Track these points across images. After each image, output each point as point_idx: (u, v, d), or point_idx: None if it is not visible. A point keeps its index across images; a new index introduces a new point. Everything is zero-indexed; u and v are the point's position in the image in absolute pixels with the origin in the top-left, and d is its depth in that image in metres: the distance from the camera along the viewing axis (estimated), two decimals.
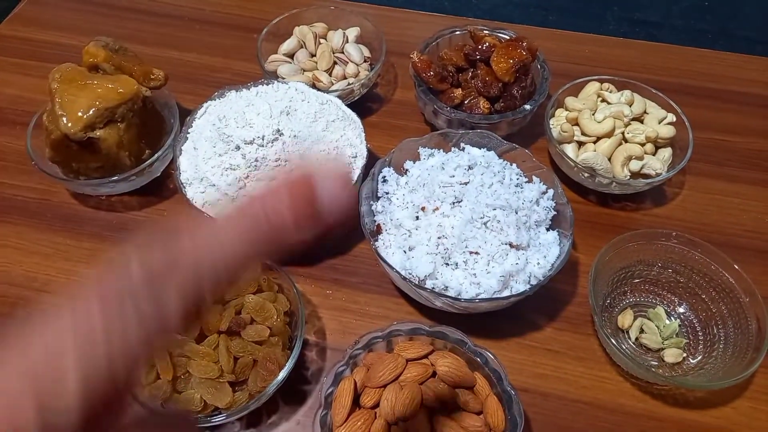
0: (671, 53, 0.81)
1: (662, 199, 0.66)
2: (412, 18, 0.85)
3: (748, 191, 0.67)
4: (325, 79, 0.69)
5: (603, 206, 0.65)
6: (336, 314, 0.57)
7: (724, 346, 0.52)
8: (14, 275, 0.59)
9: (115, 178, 0.58)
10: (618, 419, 0.51)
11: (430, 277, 0.50)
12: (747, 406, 0.52)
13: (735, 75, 0.79)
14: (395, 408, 0.44)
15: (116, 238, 0.62)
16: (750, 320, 0.50)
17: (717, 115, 0.73)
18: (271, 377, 0.46)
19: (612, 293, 0.56)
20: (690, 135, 0.62)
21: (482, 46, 0.66)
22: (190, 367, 0.46)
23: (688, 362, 0.53)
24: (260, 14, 0.85)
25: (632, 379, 0.53)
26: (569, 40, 0.82)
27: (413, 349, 0.47)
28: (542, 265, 0.50)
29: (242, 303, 0.50)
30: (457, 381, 0.46)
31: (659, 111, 0.64)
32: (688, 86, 0.76)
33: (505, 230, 0.50)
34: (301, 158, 0.54)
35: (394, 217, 0.53)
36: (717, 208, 0.65)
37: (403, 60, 0.77)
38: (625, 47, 0.82)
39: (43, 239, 0.61)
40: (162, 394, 0.46)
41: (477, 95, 0.65)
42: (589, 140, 0.62)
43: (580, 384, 0.53)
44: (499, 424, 0.44)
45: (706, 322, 0.54)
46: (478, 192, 0.52)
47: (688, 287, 0.55)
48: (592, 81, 0.67)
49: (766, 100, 0.76)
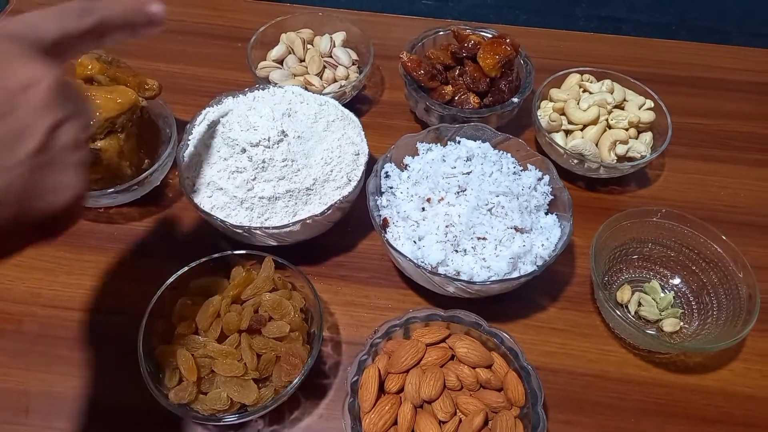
0: (640, 45, 0.86)
1: (645, 181, 0.70)
2: (393, 22, 0.88)
3: (723, 169, 0.71)
4: (316, 82, 0.70)
5: (591, 191, 0.69)
6: (347, 309, 0.58)
7: (717, 313, 0.55)
8: (17, 292, 0.58)
9: (116, 189, 0.58)
10: (625, 388, 0.54)
11: (441, 264, 0.51)
12: (741, 367, 0.56)
13: (700, 62, 0.84)
14: (420, 391, 0.46)
15: (119, 250, 0.61)
16: (740, 287, 0.54)
17: (688, 100, 0.78)
18: (295, 371, 0.47)
19: (609, 271, 0.59)
20: (668, 119, 0.66)
21: (468, 44, 0.68)
22: (215, 366, 0.47)
23: (685, 330, 0.56)
24: (241, 23, 0.86)
25: (634, 351, 0.56)
26: (544, 37, 0.86)
27: (431, 334, 0.49)
28: (546, 246, 0.53)
29: (259, 301, 0.50)
30: (476, 361, 0.48)
31: (638, 98, 0.68)
32: (658, 75, 0.81)
33: (509, 215, 0.53)
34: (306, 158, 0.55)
35: (400, 210, 0.55)
36: (696, 186, 0.69)
37: (387, 62, 0.79)
38: (597, 41, 0.86)
39: (43, 254, 0.61)
40: (188, 396, 0.46)
41: (466, 91, 0.67)
42: (576, 128, 0.65)
43: (586, 358, 0.56)
44: (520, 398, 0.46)
45: (699, 292, 0.57)
46: (480, 181, 0.55)
47: (679, 260, 0.59)
48: (572, 73, 0.70)
49: (730, 84, 0.81)
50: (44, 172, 0.29)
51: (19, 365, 0.53)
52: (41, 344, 0.55)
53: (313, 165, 0.55)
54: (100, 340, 0.55)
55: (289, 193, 0.54)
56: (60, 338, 0.55)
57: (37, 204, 0.29)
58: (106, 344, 0.55)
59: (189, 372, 0.46)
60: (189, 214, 0.64)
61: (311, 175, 0.55)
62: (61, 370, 0.53)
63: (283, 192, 0.53)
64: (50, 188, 0.29)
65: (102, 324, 0.56)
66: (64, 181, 0.30)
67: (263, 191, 0.54)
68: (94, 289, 0.58)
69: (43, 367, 0.53)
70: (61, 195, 0.30)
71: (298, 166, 0.54)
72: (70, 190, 0.30)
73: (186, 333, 0.49)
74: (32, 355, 0.54)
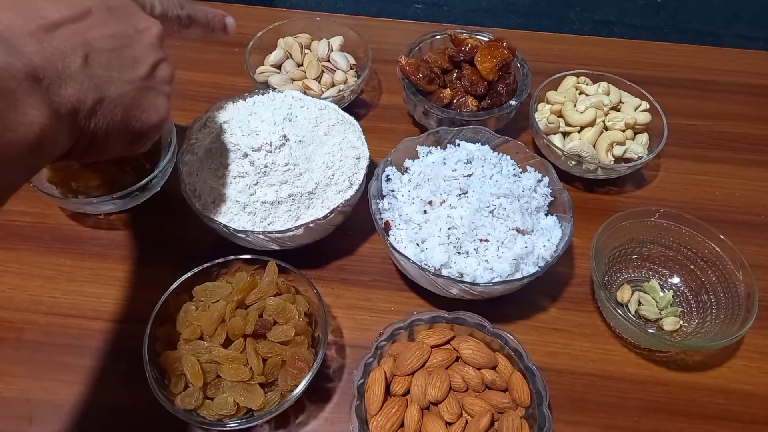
0: (633, 48, 0.87)
1: (642, 181, 0.71)
2: (389, 26, 0.88)
3: (717, 169, 0.72)
4: (315, 87, 0.70)
5: (589, 192, 0.69)
6: (350, 312, 0.58)
7: (716, 311, 0.56)
8: (18, 300, 0.58)
9: (118, 195, 0.58)
10: (627, 387, 0.54)
11: (445, 267, 0.52)
12: (740, 364, 0.56)
13: (692, 64, 0.85)
14: (426, 393, 0.46)
15: (120, 256, 0.61)
16: (738, 285, 0.55)
17: (681, 102, 0.79)
18: (302, 375, 0.47)
19: (609, 271, 0.60)
20: (664, 120, 0.67)
21: (465, 47, 0.69)
22: (221, 371, 0.47)
23: (685, 329, 0.57)
24: (238, 29, 0.84)
25: (635, 350, 0.56)
26: (539, 40, 0.87)
27: (435, 336, 0.49)
28: (548, 247, 0.53)
29: (264, 306, 0.50)
30: (481, 363, 0.48)
31: (633, 100, 0.69)
32: (651, 77, 0.82)
33: (511, 217, 0.53)
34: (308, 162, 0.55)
35: (402, 213, 0.55)
36: (693, 187, 0.70)
37: (384, 66, 0.80)
38: (591, 44, 0.87)
39: (44, 262, 0.60)
40: (194, 402, 0.46)
41: (464, 94, 0.68)
42: (573, 130, 0.66)
43: (588, 358, 0.56)
44: (525, 399, 0.46)
45: (698, 291, 0.58)
46: (481, 183, 0.55)
47: (678, 260, 0.60)
48: (568, 75, 0.71)
49: (723, 86, 0.82)
50: (146, 93, 0.39)
51: (22, 373, 0.53)
52: (43, 352, 0.54)
53: (315, 169, 0.56)
54: (102, 347, 0.55)
55: (292, 198, 0.54)
56: (62, 345, 0.55)
57: (138, 116, 0.39)
58: (108, 351, 0.55)
59: (195, 377, 0.46)
60: (190, 220, 0.63)
61: (313, 179, 0.55)
62: (63, 377, 0.53)
63: (286, 196, 0.54)
64: (147, 106, 0.39)
65: (104, 331, 0.56)
66: (157, 104, 0.40)
67: (266, 196, 0.54)
68: (95, 295, 0.58)
69: (46, 375, 0.53)
70: (154, 114, 0.40)
71: (300, 170, 0.55)
72: (161, 111, 0.41)
73: (191, 338, 0.49)
74: (34, 363, 0.54)
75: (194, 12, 0.49)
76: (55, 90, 0.32)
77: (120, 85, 0.37)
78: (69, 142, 0.35)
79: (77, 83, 0.33)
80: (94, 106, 0.35)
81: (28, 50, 0.30)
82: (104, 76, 0.36)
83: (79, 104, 0.34)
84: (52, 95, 0.32)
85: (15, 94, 0.29)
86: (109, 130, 0.37)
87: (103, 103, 0.36)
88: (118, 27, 0.38)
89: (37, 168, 0.34)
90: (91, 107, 0.35)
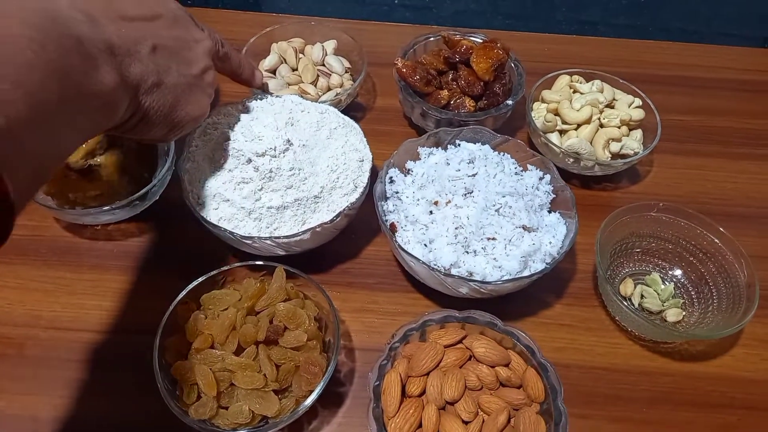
0: (621, 46, 0.89)
1: (637, 177, 0.72)
2: (381, 29, 0.88)
3: (708, 163, 0.74)
4: (312, 91, 0.70)
5: (586, 189, 0.70)
6: (357, 315, 0.58)
7: (717, 302, 0.57)
8: (16, 315, 0.56)
9: (117, 205, 0.57)
10: (634, 379, 0.55)
11: (454, 266, 0.52)
12: (742, 352, 0.58)
13: (678, 62, 0.87)
14: (442, 392, 0.46)
15: (120, 267, 0.60)
16: (738, 275, 0.56)
17: (670, 98, 0.81)
18: (316, 380, 0.47)
19: (611, 265, 0.61)
20: (657, 116, 0.68)
21: (460, 49, 0.69)
22: (234, 379, 0.46)
23: (687, 320, 0.58)
24: (231, 34, 0.85)
25: (640, 342, 0.57)
26: (529, 41, 0.88)
27: (448, 336, 0.50)
28: (554, 244, 0.54)
29: (274, 312, 0.50)
30: (495, 360, 0.48)
31: (627, 97, 0.70)
32: (640, 74, 0.83)
33: (517, 215, 0.54)
34: (312, 166, 0.55)
35: (408, 214, 0.55)
36: (686, 181, 0.72)
37: (378, 69, 0.80)
38: (580, 44, 0.89)
39: (42, 275, 0.59)
40: (208, 412, 0.45)
41: (461, 95, 0.68)
42: (570, 128, 0.67)
43: (595, 352, 0.57)
44: (540, 394, 0.47)
45: (698, 282, 0.59)
46: (486, 182, 0.56)
47: (678, 252, 0.61)
48: (562, 74, 0.72)
49: (709, 82, 0.84)
50: (194, 89, 0.47)
51: (25, 390, 0.52)
52: (45, 367, 0.53)
53: (320, 173, 0.55)
54: (108, 360, 0.54)
55: (298, 202, 0.54)
56: (65, 360, 0.54)
57: (184, 106, 0.46)
58: (114, 364, 0.54)
59: (208, 387, 0.46)
60: (191, 228, 0.63)
61: (318, 183, 0.55)
62: (69, 393, 0.52)
63: (292, 201, 0.53)
64: (193, 100, 0.47)
65: (108, 343, 0.55)
66: (201, 100, 0.48)
67: (271, 201, 0.53)
68: (97, 308, 0.57)
69: (51, 391, 0.52)
70: (197, 108, 0.48)
71: (305, 175, 0.54)
72: (203, 107, 0.49)
73: (202, 347, 0.48)
74: (37, 380, 0.52)
75: (232, 54, 0.57)
76: (126, 65, 0.38)
77: (176, 76, 0.44)
78: (127, 113, 0.40)
79: (143, 65, 0.40)
80: (152, 87, 0.41)
81: (109, 30, 0.37)
82: (165, 66, 0.43)
83: (141, 82, 0.40)
84: (123, 68, 0.38)
85: (96, 60, 0.35)
86: (159, 111, 0.43)
87: (161, 87, 0.42)
88: (180, 33, 0.46)
89: (98, 129, 0.38)
90: (149, 87, 0.41)
